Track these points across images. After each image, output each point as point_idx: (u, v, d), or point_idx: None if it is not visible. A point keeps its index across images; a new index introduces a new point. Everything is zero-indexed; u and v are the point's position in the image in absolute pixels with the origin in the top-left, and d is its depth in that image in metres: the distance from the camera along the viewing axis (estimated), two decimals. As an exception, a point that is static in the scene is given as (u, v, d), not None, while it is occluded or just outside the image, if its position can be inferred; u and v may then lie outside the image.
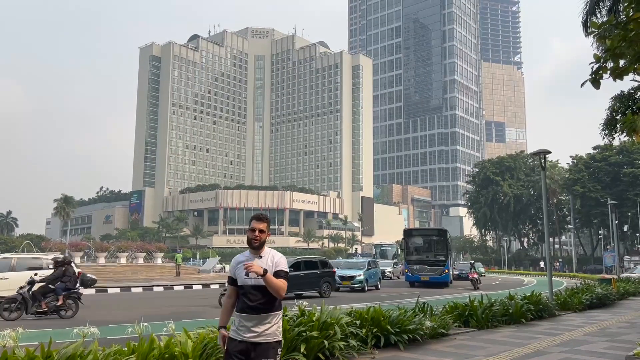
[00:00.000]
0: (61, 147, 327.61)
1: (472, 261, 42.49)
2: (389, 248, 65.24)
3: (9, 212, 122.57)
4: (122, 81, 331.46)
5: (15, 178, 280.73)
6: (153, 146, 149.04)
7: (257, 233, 4.11)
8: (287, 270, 4.15)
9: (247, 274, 3.97)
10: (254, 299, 3.99)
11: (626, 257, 64.13)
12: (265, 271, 3.92)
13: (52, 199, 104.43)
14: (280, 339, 4.09)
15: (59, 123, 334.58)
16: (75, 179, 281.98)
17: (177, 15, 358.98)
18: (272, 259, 4.11)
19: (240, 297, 4.06)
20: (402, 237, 34.48)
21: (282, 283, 4.01)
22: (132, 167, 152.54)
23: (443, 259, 31.08)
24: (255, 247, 4.12)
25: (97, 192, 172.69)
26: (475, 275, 30.65)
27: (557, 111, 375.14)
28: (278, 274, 4.04)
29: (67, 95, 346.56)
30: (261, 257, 4.10)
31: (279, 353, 4.05)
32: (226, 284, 4.36)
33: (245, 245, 4.15)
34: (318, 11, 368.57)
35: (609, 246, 67.06)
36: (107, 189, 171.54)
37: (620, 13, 16.31)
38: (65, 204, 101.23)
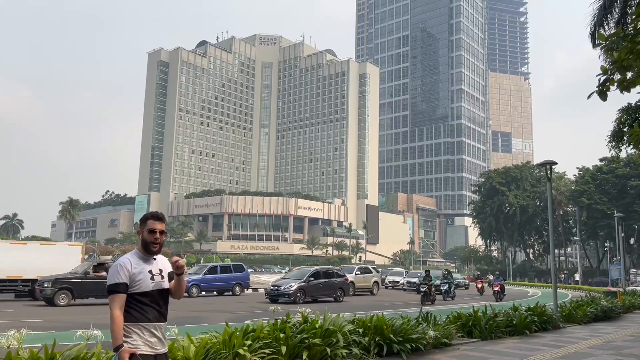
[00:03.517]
0: (68, 150, 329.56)
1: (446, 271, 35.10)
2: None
3: (15, 214, 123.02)
4: (130, 86, 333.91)
5: (22, 180, 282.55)
6: (159, 151, 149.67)
7: (157, 235, 3.70)
8: None
9: (152, 278, 3.64)
10: (162, 304, 3.69)
11: (632, 270, 63.64)
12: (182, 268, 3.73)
13: (58, 202, 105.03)
14: None
15: (67, 126, 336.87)
16: (81, 182, 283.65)
17: (186, 22, 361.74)
18: (165, 263, 3.82)
19: (142, 305, 3.58)
20: None
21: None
22: (138, 171, 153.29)
23: None
24: (155, 251, 3.72)
25: (103, 196, 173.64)
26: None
27: (564, 122, 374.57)
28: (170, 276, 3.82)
29: (75, 99, 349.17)
30: (155, 259, 3.76)
31: None
32: (112, 293, 3.55)
33: (250, 251, 4.06)
34: (326, 19, 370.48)
35: (615, 259, 66.57)
36: (113, 192, 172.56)
37: (628, 25, 16.31)
38: (70, 207, 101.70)
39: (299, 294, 23.90)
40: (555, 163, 17.27)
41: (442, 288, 27.92)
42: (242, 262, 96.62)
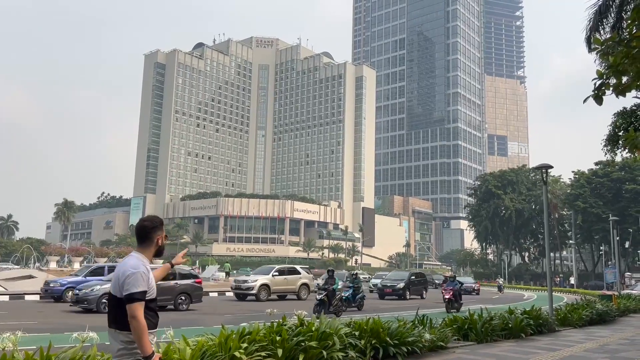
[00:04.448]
0: (63, 151, 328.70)
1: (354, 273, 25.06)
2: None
3: (10, 216, 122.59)
4: (126, 87, 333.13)
5: (17, 181, 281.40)
6: (155, 152, 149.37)
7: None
8: None
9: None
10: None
11: (627, 274, 63.80)
12: None
13: (53, 203, 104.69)
14: None
15: (62, 128, 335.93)
16: (76, 183, 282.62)
17: (183, 24, 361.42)
18: None
19: (151, 312, 3.58)
20: None
21: None
22: (134, 173, 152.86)
23: None
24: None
25: (98, 198, 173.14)
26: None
27: (560, 126, 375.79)
28: None
29: (71, 100, 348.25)
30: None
31: None
32: (128, 303, 3.40)
33: (246, 254, 4.07)
34: (323, 22, 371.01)
35: (610, 262, 66.79)
36: (108, 194, 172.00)
37: (624, 30, 16.36)
38: (66, 209, 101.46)
39: (105, 301, 16.02)
40: (551, 167, 17.32)
41: (343, 295, 21.14)
42: (238, 264, 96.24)
